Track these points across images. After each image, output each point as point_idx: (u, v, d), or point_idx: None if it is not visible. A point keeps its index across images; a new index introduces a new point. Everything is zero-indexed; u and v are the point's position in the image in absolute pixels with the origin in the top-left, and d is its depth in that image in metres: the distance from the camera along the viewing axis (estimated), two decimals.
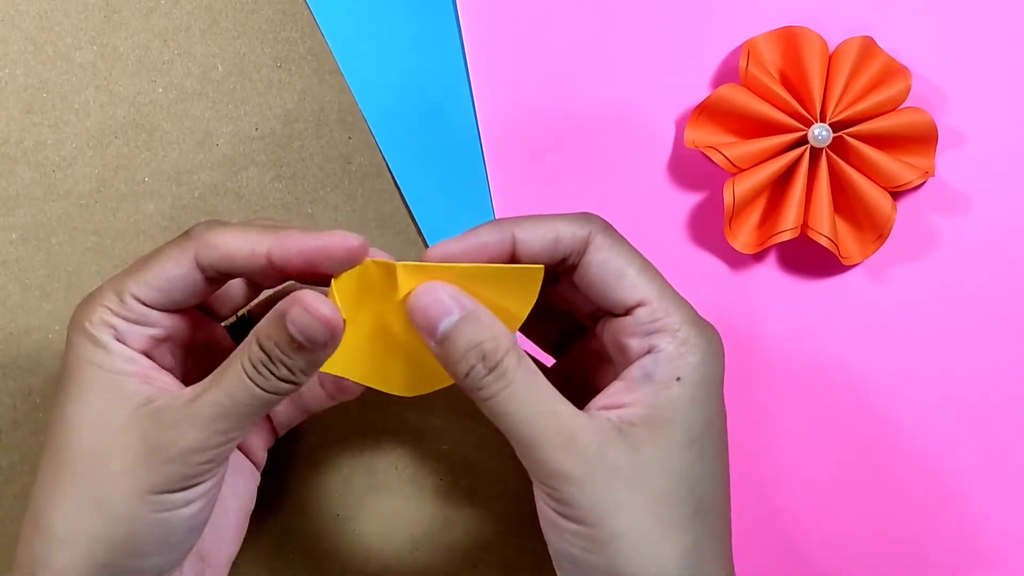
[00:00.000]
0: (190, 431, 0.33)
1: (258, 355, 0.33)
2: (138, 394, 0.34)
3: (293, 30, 0.46)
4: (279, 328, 0.33)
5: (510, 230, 0.35)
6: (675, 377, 0.34)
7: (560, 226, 0.35)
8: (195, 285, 0.35)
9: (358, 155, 0.46)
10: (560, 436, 0.33)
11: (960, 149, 0.46)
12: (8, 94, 0.45)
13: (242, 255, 0.34)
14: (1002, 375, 0.46)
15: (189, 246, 0.35)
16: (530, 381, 0.34)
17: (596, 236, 0.35)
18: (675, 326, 0.35)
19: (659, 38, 0.46)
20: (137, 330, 0.35)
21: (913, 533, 0.46)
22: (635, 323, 0.35)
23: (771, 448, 0.46)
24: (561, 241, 0.35)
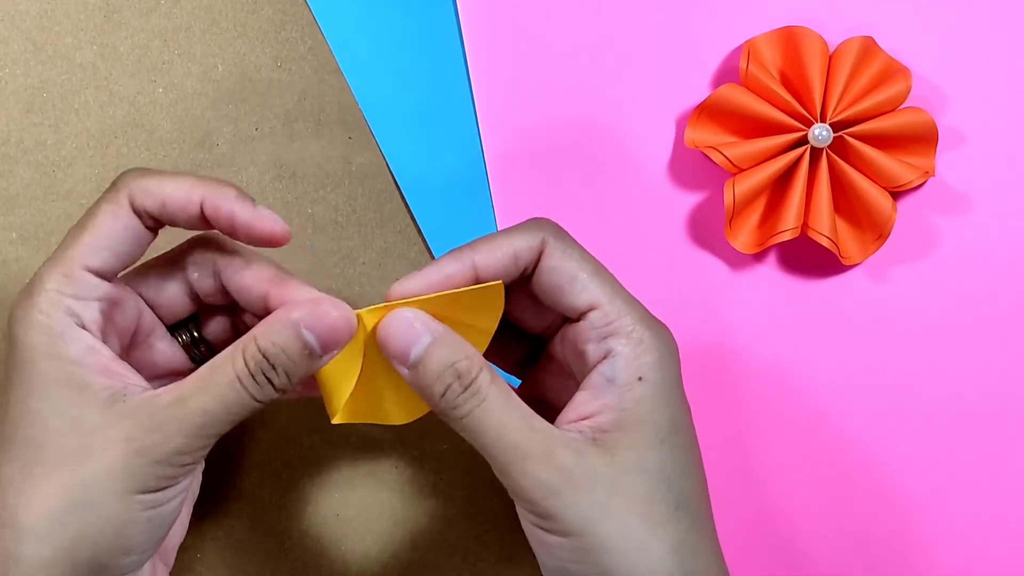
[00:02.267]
0: (177, 435, 0.33)
1: (260, 363, 0.34)
2: (105, 389, 0.34)
3: (293, 30, 0.46)
4: (288, 335, 0.34)
5: (469, 258, 0.36)
6: (636, 377, 0.35)
7: (516, 242, 0.36)
8: (136, 234, 0.36)
9: (358, 155, 0.46)
10: (537, 449, 0.34)
11: (960, 149, 0.46)
12: (8, 94, 0.45)
13: (177, 203, 0.35)
14: (1002, 375, 0.46)
15: (121, 196, 0.35)
16: (504, 398, 0.34)
17: (548, 242, 0.36)
18: (628, 327, 0.35)
19: (659, 38, 0.46)
20: (90, 306, 0.35)
21: (912, 533, 0.46)
22: (589, 327, 0.36)
23: (770, 448, 0.46)
24: (519, 257, 0.36)
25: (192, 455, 0.34)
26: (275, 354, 0.34)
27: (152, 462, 0.33)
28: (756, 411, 0.46)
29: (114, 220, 0.35)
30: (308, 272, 0.46)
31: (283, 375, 0.34)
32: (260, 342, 0.34)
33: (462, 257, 0.36)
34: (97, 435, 0.33)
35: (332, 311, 0.34)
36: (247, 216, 0.35)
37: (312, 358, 0.34)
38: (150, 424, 0.33)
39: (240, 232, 0.36)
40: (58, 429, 0.33)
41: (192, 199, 0.35)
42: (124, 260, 0.36)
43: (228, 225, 0.36)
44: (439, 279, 0.36)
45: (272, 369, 0.34)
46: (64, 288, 0.34)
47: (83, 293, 0.35)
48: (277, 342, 0.34)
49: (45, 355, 0.34)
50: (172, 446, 0.33)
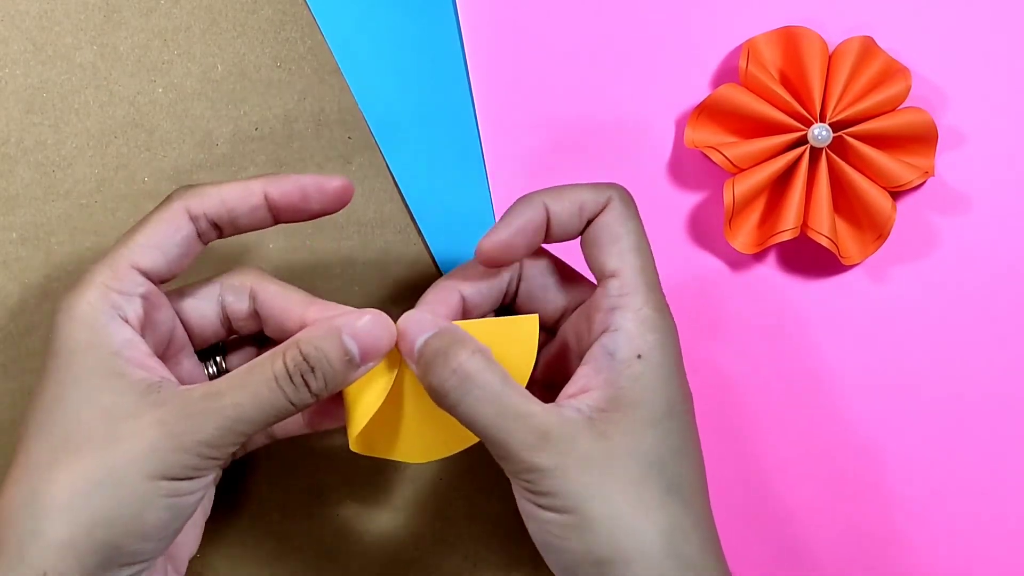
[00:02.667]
0: (208, 425, 0.34)
1: (300, 365, 0.34)
2: (141, 380, 0.35)
3: (293, 30, 0.46)
4: (331, 340, 0.35)
5: (541, 200, 0.37)
6: (636, 355, 0.35)
7: (584, 194, 0.37)
8: (189, 239, 0.37)
9: (358, 155, 0.46)
10: (532, 434, 0.34)
11: (960, 149, 0.46)
12: (8, 94, 0.45)
13: (236, 198, 0.37)
14: (1002, 374, 0.46)
15: (177, 204, 0.37)
16: (497, 384, 0.35)
17: (613, 201, 0.37)
18: (638, 305, 0.36)
19: (659, 38, 0.46)
20: (133, 301, 0.36)
21: (912, 532, 0.46)
22: (603, 295, 0.37)
23: (768, 447, 0.46)
24: (584, 207, 0.37)
25: (219, 449, 0.34)
26: (316, 358, 0.35)
27: (180, 449, 0.33)
28: (756, 411, 0.46)
29: (166, 224, 0.37)
30: (308, 273, 0.46)
31: (321, 379, 0.35)
32: (303, 345, 0.35)
33: (533, 201, 0.37)
34: (128, 421, 0.34)
35: (375, 320, 0.36)
36: (312, 180, 0.37)
37: (351, 366, 0.35)
38: (182, 412, 0.34)
39: (312, 196, 0.37)
40: (90, 416, 0.34)
41: (253, 191, 0.37)
42: (171, 265, 0.37)
43: (298, 197, 0.37)
44: (521, 223, 0.37)
45: (311, 372, 0.35)
46: (111, 282, 0.36)
47: (128, 289, 0.36)
48: (320, 346, 0.35)
49: (86, 345, 0.35)
50: (202, 436, 0.34)
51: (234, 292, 0.39)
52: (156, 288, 0.37)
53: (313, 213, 0.38)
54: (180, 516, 0.35)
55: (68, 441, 0.34)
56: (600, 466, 0.34)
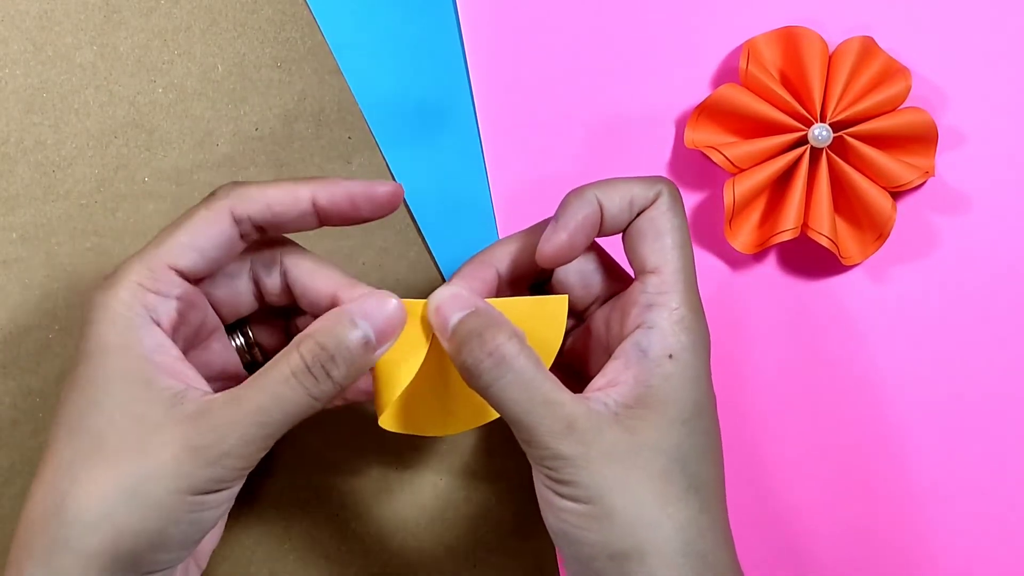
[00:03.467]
0: (232, 435, 0.33)
1: (318, 355, 0.34)
2: (168, 389, 0.34)
3: (293, 30, 0.46)
4: (345, 326, 0.35)
5: (593, 194, 0.37)
6: (668, 354, 0.35)
7: (634, 188, 0.37)
8: (230, 241, 0.36)
9: (358, 155, 0.46)
10: (559, 422, 0.34)
11: (960, 149, 0.46)
12: (8, 94, 0.45)
13: (284, 203, 0.36)
14: (1002, 374, 0.46)
15: (220, 203, 0.36)
16: (531, 370, 0.35)
17: (663, 196, 0.37)
18: (674, 304, 0.36)
19: (659, 38, 0.46)
20: (168, 303, 0.36)
21: (910, 532, 0.46)
22: (641, 290, 0.36)
23: (770, 447, 0.46)
24: (635, 202, 0.37)
25: (245, 459, 0.34)
26: (334, 345, 0.34)
27: (205, 464, 0.33)
28: (756, 410, 0.46)
29: (208, 225, 0.36)
30: None
31: (343, 366, 0.34)
32: (318, 336, 0.34)
33: (586, 196, 0.37)
34: (156, 433, 0.34)
35: (384, 300, 0.35)
36: (362, 188, 0.37)
37: (368, 349, 0.35)
38: (206, 425, 0.33)
39: (361, 203, 0.37)
40: (122, 424, 0.34)
41: (299, 196, 0.36)
42: (211, 266, 0.37)
43: (348, 203, 0.37)
44: (578, 222, 0.37)
45: (332, 360, 0.34)
46: (147, 282, 0.35)
47: (164, 290, 0.36)
48: (336, 333, 0.34)
49: (118, 348, 0.35)
50: (225, 447, 0.33)
51: (265, 267, 0.39)
52: (192, 287, 0.37)
53: (362, 219, 0.37)
54: (204, 527, 0.35)
55: (98, 448, 0.34)
56: (624, 459, 0.34)
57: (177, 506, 0.33)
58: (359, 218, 0.37)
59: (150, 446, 0.33)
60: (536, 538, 0.46)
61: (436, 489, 0.47)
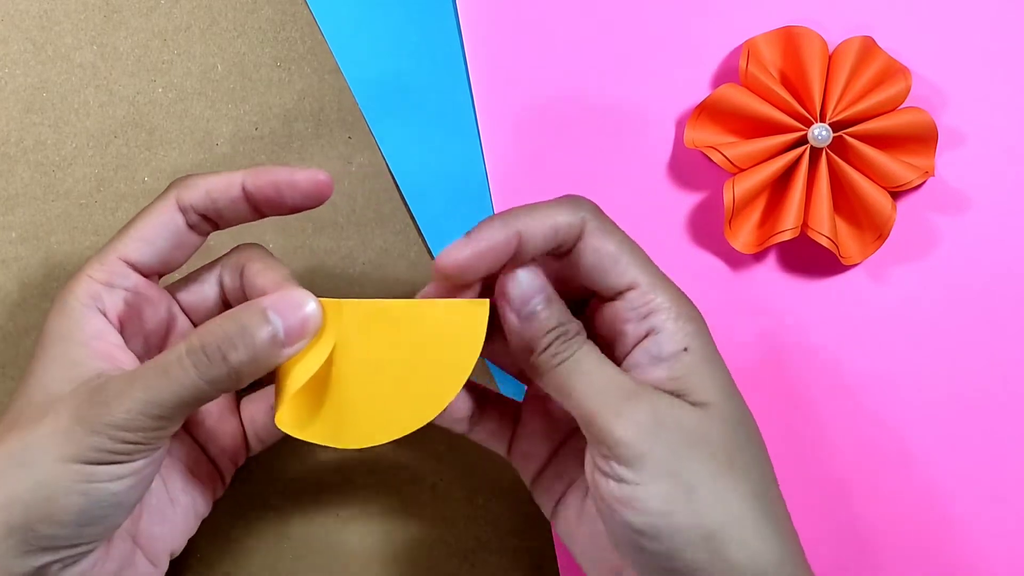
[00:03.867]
0: (118, 408, 0.33)
1: (216, 336, 0.34)
2: (92, 370, 0.35)
3: (293, 30, 0.46)
4: (255, 316, 0.34)
5: (514, 226, 0.35)
6: (683, 348, 0.36)
7: (558, 216, 0.36)
8: (177, 231, 0.37)
9: (358, 155, 0.46)
10: (627, 390, 0.34)
11: (960, 149, 0.46)
12: (8, 94, 0.45)
13: (219, 189, 0.37)
14: (1002, 375, 0.46)
15: (170, 194, 0.37)
16: (597, 351, 0.36)
17: (589, 222, 0.36)
18: (667, 304, 0.36)
19: (659, 38, 0.46)
20: (115, 294, 0.36)
21: (909, 532, 0.46)
22: (627, 307, 0.36)
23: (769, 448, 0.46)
24: (559, 231, 0.36)
25: (135, 433, 0.33)
26: (236, 330, 0.34)
27: (90, 432, 0.33)
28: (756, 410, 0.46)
29: (156, 215, 0.37)
30: (308, 272, 0.46)
31: (243, 352, 0.34)
32: (222, 321, 0.34)
33: (507, 223, 0.35)
34: (56, 403, 0.34)
35: (303, 299, 0.35)
36: (286, 174, 0.37)
37: (275, 344, 0.34)
38: (96, 396, 0.34)
39: (286, 192, 0.37)
40: (36, 401, 0.35)
41: (233, 181, 0.37)
42: (162, 256, 0.37)
43: (272, 190, 0.37)
44: (484, 247, 0.35)
45: (230, 343, 0.33)
46: (96, 274, 0.37)
47: (112, 281, 0.37)
48: (241, 320, 0.34)
49: (58, 336, 0.36)
50: (111, 419, 0.33)
51: (229, 271, 0.39)
52: (147, 280, 0.37)
53: (289, 208, 0.37)
54: (103, 504, 0.34)
55: (12, 423, 0.34)
56: (694, 429, 0.34)
57: (62, 474, 0.33)
58: (285, 206, 0.37)
59: (47, 416, 0.34)
60: (536, 538, 0.46)
61: (436, 489, 0.47)
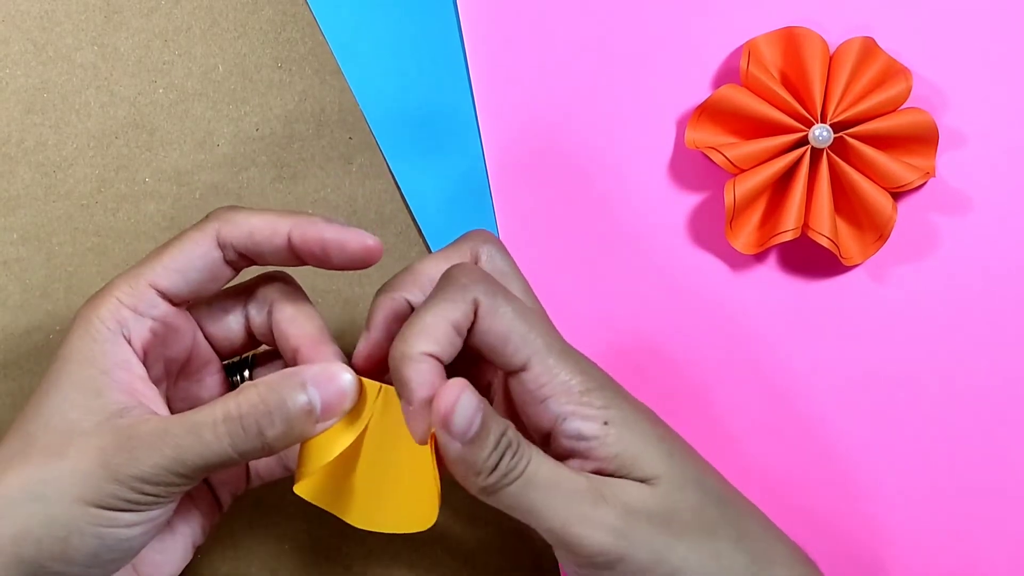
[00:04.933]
0: (145, 461, 0.32)
1: (256, 408, 0.33)
2: (116, 403, 0.34)
3: (294, 31, 0.46)
4: (294, 388, 0.33)
5: (421, 357, 0.33)
6: (603, 422, 0.34)
7: (451, 315, 0.34)
8: (214, 265, 0.36)
9: (359, 156, 0.46)
10: (591, 492, 0.33)
11: (961, 150, 0.46)
12: (9, 94, 0.45)
13: (263, 233, 0.36)
14: (1003, 375, 0.46)
15: (209, 226, 0.36)
16: (541, 458, 0.34)
17: (480, 302, 0.34)
18: (563, 385, 0.34)
19: (659, 38, 0.46)
20: (143, 322, 0.35)
21: (909, 533, 0.46)
22: (524, 390, 0.35)
23: (769, 448, 0.46)
24: (460, 327, 0.34)
25: (156, 487, 0.33)
26: (276, 403, 0.33)
27: (113, 479, 0.32)
28: (756, 411, 0.46)
29: (193, 246, 0.36)
30: (309, 273, 0.46)
31: (279, 426, 0.33)
32: (261, 389, 0.33)
33: (416, 359, 0.33)
34: (80, 440, 0.33)
35: (343, 374, 0.34)
36: (335, 234, 0.35)
37: (311, 419, 0.34)
38: (125, 444, 0.33)
39: (333, 253, 0.36)
40: (54, 428, 0.33)
41: (279, 230, 0.36)
42: (194, 288, 0.36)
43: (319, 248, 0.35)
44: (423, 396, 0.33)
45: (268, 417, 0.33)
46: (125, 299, 0.35)
47: (141, 308, 0.35)
48: (280, 392, 0.33)
49: (80, 358, 0.34)
50: (136, 471, 0.32)
51: (256, 305, 0.38)
52: (175, 309, 0.36)
53: (334, 267, 0.36)
54: (115, 548, 0.33)
55: (26, 448, 0.33)
56: (661, 511, 0.34)
57: (78, 516, 0.33)
58: (330, 264, 0.36)
59: (68, 451, 0.33)
60: (536, 538, 0.46)
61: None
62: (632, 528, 0.33)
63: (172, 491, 0.33)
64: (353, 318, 0.46)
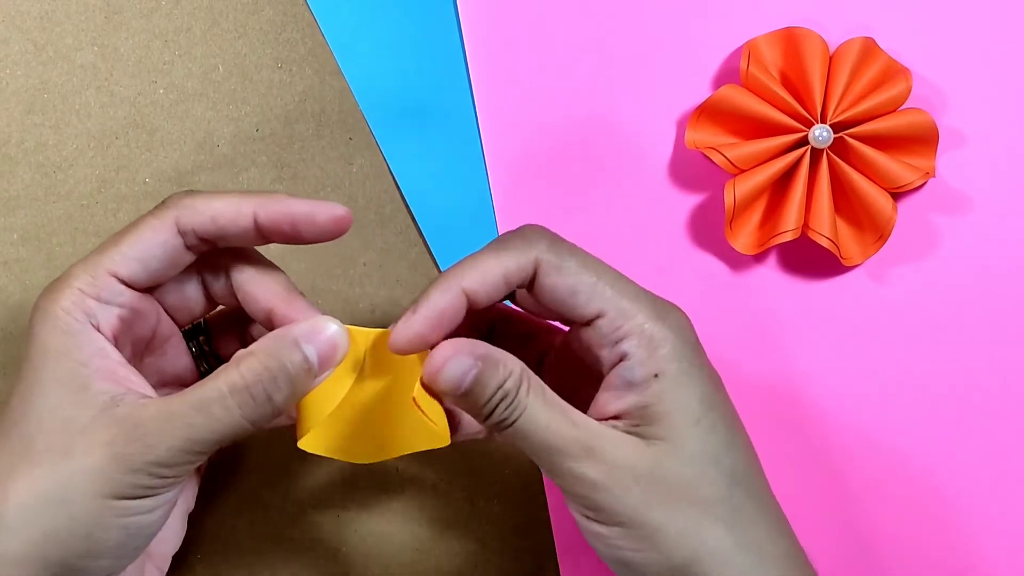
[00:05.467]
0: (159, 447, 0.33)
1: (262, 376, 0.33)
2: (104, 392, 0.34)
3: (294, 31, 0.46)
4: (292, 349, 0.34)
5: (457, 285, 0.35)
6: (653, 375, 0.35)
7: (506, 264, 0.35)
8: (174, 252, 0.36)
9: (359, 156, 0.46)
10: (578, 446, 0.34)
11: (961, 150, 0.46)
12: (9, 95, 0.45)
13: (227, 216, 0.35)
14: (1003, 376, 0.46)
15: (167, 213, 0.36)
16: (542, 402, 0.34)
17: (542, 260, 0.35)
18: (638, 328, 0.35)
19: (660, 39, 0.46)
20: (109, 311, 0.35)
21: (910, 535, 0.46)
22: (599, 335, 0.35)
23: (769, 449, 0.46)
24: (510, 280, 0.35)
25: (173, 468, 0.33)
26: (278, 367, 0.34)
27: (129, 470, 0.33)
28: (756, 412, 0.46)
29: (153, 234, 0.35)
30: (309, 273, 0.46)
31: (285, 390, 0.34)
32: (261, 357, 0.34)
33: (451, 286, 0.35)
34: (83, 436, 0.33)
35: (330, 326, 0.35)
36: (303, 208, 0.35)
37: (310, 374, 0.34)
38: (134, 432, 0.33)
39: (303, 227, 0.36)
40: (50, 428, 0.33)
41: (243, 211, 0.35)
42: (154, 275, 0.36)
43: (288, 224, 0.35)
44: (434, 316, 0.35)
45: (274, 383, 0.34)
46: (88, 289, 0.35)
47: (105, 297, 0.35)
48: (279, 355, 0.34)
49: (56, 353, 0.34)
50: (151, 456, 0.33)
51: (212, 272, 0.38)
52: (139, 294, 0.36)
53: (304, 241, 0.36)
54: (139, 535, 0.34)
55: (27, 452, 0.33)
56: (648, 474, 0.34)
57: (102, 511, 0.33)
58: (301, 239, 0.36)
59: (75, 450, 0.33)
60: (537, 539, 0.46)
61: (436, 490, 0.47)
62: (614, 483, 0.34)
63: (188, 469, 0.34)
64: (353, 318, 0.46)
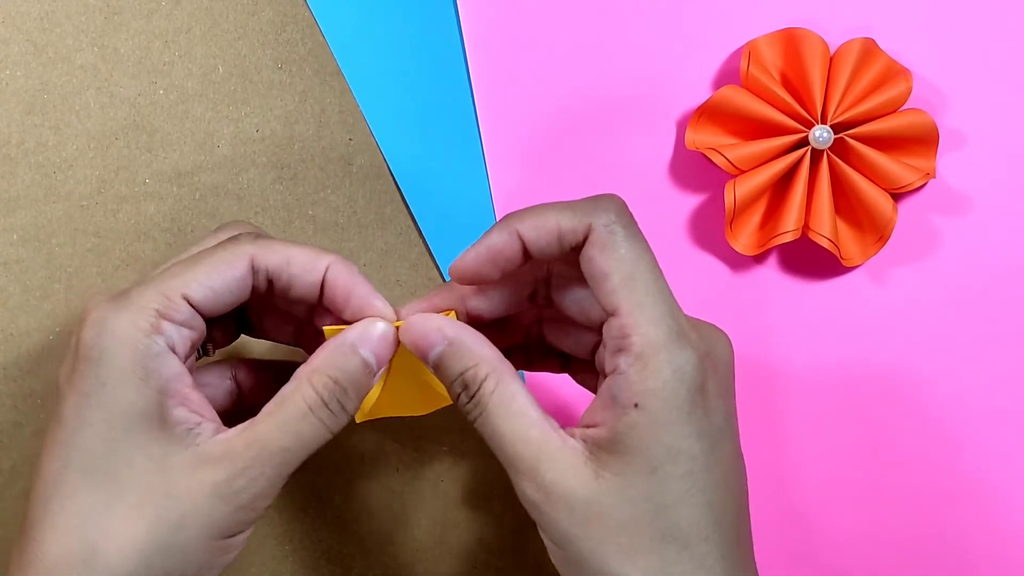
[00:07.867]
0: (261, 478, 0.34)
1: (333, 390, 0.35)
2: (182, 424, 0.34)
3: (294, 32, 0.46)
4: (352, 357, 0.35)
5: (514, 227, 0.35)
6: (633, 403, 0.33)
7: (562, 220, 0.35)
8: (244, 288, 0.36)
9: (359, 156, 0.46)
10: (524, 464, 0.34)
11: (961, 150, 0.46)
12: (9, 95, 0.45)
13: (302, 265, 0.36)
14: (1003, 376, 0.46)
15: (243, 249, 0.36)
16: (505, 407, 0.34)
17: (596, 228, 0.34)
18: (639, 347, 0.33)
19: (660, 39, 0.46)
20: (183, 334, 0.35)
21: (914, 533, 0.46)
22: (607, 336, 0.34)
23: (772, 449, 0.46)
24: (563, 237, 0.35)
25: (270, 497, 0.35)
26: (346, 378, 0.35)
27: (236, 508, 0.34)
28: (756, 412, 0.46)
29: (229, 269, 0.35)
30: None
31: (355, 397, 0.35)
32: (329, 371, 0.35)
33: (508, 227, 0.35)
34: (181, 478, 0.33)
35: (378, 324, 0.36)
36: (364, 294, 0.36)
37: (370, 375, 0.36)
38: (233, 469, 0.34)
39: (352, 308, 0.36)
40: (143, 467, 0.33)
41: (318, 265, 0.36)
42: (220, 307, 0.36)
43: (343, 296, 0.36)
44: (490, 251, 0.35)
45: (345, 393, 0.35)
46: (164, 310, 0.34)
47: (180, 320, 0.35)
48: (343, 365, 0.35)
49: (135, 379, 0.33)
50: (255, 490, 0.34)
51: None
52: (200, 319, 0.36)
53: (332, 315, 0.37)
54: (228, 564, 0.35)
55: (123, 492, 0.33)
56: (584, 506, 0.33)
57: (211, 551, 0.34)
58: (344, 313, 0.37)
59: (177, 492, 0.33)
60: (537, 538, 0.46)
61: (437, 490, 0.47)
62: (550, 507, 0.34)
63: (277, 491, 0.35)
64: None
